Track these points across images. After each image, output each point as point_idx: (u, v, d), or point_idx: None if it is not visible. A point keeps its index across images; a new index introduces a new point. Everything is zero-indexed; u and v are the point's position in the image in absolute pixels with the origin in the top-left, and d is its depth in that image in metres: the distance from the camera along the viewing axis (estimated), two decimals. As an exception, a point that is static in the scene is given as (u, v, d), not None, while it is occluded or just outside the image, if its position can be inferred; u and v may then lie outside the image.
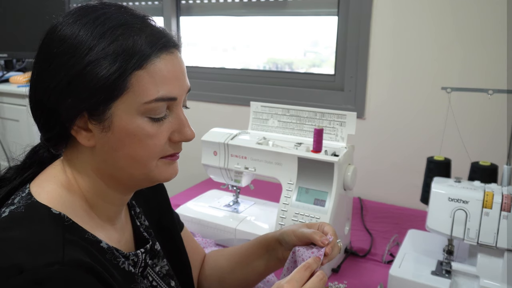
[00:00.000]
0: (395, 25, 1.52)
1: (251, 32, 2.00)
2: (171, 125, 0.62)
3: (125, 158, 0.60)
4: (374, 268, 1.13)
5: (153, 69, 0.58)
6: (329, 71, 1.77)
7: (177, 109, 0.63)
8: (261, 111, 1.27)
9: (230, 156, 1.20)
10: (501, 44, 1.36)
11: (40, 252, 0.52)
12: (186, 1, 2.06)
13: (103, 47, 0.56)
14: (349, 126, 1.16)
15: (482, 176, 1.01)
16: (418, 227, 1.22)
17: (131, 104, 0.58)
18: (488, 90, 1.02)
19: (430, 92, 1.50)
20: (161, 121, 0.61)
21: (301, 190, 1.11)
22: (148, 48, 0.58)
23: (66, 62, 0.57)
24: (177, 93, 0.61)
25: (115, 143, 0.59)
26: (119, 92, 0.57)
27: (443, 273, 0.97)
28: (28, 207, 0.57)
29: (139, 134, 0.59)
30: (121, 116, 0.58)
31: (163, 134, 0.61)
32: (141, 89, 0.57)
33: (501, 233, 0.90)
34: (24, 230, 0.54)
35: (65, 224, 0.57)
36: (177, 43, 0.62)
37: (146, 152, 0.61)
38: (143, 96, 0.58)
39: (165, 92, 0.59)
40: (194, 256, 0.89)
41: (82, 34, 0.57)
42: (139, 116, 0.59)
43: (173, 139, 0.63)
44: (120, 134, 0.59)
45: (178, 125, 0.63)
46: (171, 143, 0.63)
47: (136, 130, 0.59)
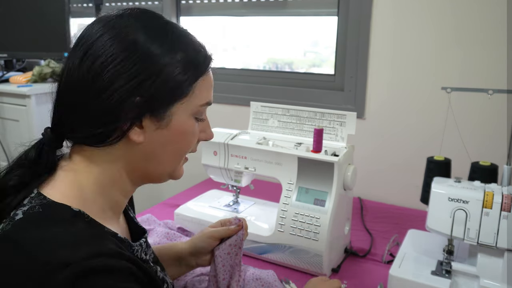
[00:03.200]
0: (395, 25, 1.52)
1: (251, 32, 2.00)
2: (201, 125, 0.72)
3: (171, 153, 0.69)
4: (374, 268, 1.13)
5: (207, 77, 0.69)
6: (329, 71, 1.77)
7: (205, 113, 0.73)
8: (261, 111, 1.27)
9: (230, 156, 1.20)
10: (501, 44, 1.36)
11: (80, 246, 0.54)
12: (186, 1, 2.06)
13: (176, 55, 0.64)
14: (349, 126, 1.16)
15: (482, 176, 1.01)
16: (418, 227, 1.22)
17: (190, 106, 0.67)
18: (488, 90, 1.02)
19: (430, 92, 1.50)
20: (200, 122, 0.71)
21: (301, 190, 1.11)
22: (207, 59, 0.69)
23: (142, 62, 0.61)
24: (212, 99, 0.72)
25: (167, 139, 0.66)
26: (185, 95, 0.66)
27: (443, 273, 0.97)
28: (46, 207, 0.58)
29: (190, 132, 0.69)
30: (180, 115, 0.66)
31: (197, 134, 0.72)
32: (200, 93, 0.68)
33: (501, 233, 0.90)
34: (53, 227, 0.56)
35: (86, 220, 0.59)
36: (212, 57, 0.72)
37: (185, 148, 0.70)
38: (200, 99, 0.68)
39: (211, 97, 0.71)
40: None
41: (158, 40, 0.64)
42: (193, 116, 0.68)
43: (200, 138, 0.73)
44: (175, 131, 0.66)
45: (205, 126, 0.74)
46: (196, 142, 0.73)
47: (189, 129, 0.68)
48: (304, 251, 1.07)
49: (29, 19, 2.15)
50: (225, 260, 0.89)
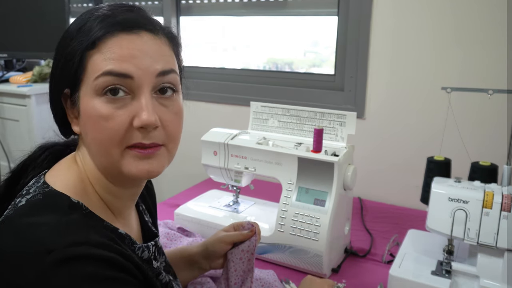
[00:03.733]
0: (395, 25, 1.52)
1: (251, 32, 2.00)
2: (132, 109, 0.59)
3: (91, 144, 0.61)
4: (374, 268, 1.13)
5: (104, 47, 0.59)
6: (329, 71, 1.77)
7: (139, 92, 0.59)
8: (261, 111, 1.27)
9: (230, 156, 1.20)
10: (501, 44, 1.36)
11: (67, 234, 0.54)
12: (186, 1, 2.06)
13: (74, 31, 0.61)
14: (349, 126, 1.16)
15: (482, 176, 1.01)
16: (418, 227, 1.22)
17: (88, 85, 0.59)
18: (488, 90, 1.02)
19: (430, 92, 1.50)
20: (119, 102, 0.58)
21: (301, 190, 1.11)
22: (101, 29, 0.59)
23: (57, 51, 0.63)
24: (132, 71, 0.58)
25: (83, 127, 0.61)
26: (80, 74, 0.60)
27: (443, 273, 0.97)
28: (46, 196, 0.59)
29: (94, 115, 0.58)
30: (84, 99, 0.60)
31: (121, 117, 0.58)
32: (93, 66, 0.59)
33: (501, 233, 0.90)
34: (49, 215, 0.56)
35: (83, 212, 0.59)
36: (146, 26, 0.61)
37: (105, 136, 0.59)
38: (93, 72, 0.58)
39: (115, 67, 0.58)
40: None
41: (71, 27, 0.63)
42: (97, 96, 0.59)
43: (133, 124, 0.59)
44: (84, 117, 0.60)
45: (137, 109, 0.59)
46: (136, 131, 0.59)
47: (92, 111, 0.59)
48: (304, 251, 1.07)
49: (29, 19, 2.15)
50: (237, 265, 0.89)
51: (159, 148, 0.62)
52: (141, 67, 0.59)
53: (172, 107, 0.64)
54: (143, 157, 0.61)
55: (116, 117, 0.58)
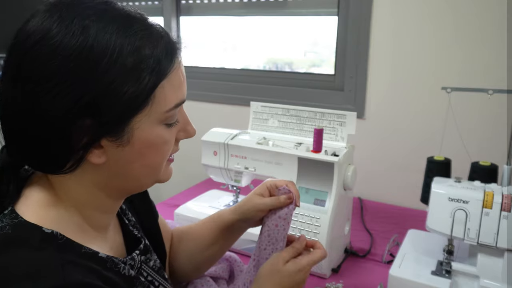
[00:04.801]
0: (395, 25, 1.52)
1: (251, 32, 2.00)
2: (178, 125, 0.62)
3: (142, 168, 0.58)
4: (374, 268, 1.13)
5: (172, 77, 0.56)
6: (329, 71, 1.77)
7: (182, 110, 0.62)
8: (261, 111, 1.27)
9: (230, 156, 1.20)
10: (501, 44, 1.36)
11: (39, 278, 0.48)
12: (186, 1, 2.06)
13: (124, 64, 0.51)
14: (349, 126, 1.16)
15: (482, 176, 1.01)
16: (418, 227, 1.22)
17: (153, 115, 0.55)
18: (488, 90, 1.02)
19: (430, 92, 1.50)
20: (174, 125, 0.60)
21: (301, 190, 1.11)
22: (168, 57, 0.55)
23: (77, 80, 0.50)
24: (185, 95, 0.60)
25: (132, 155, 0.56)
26: (143, 106, 0.54)
27: (443, 273, 0.97)
28: (15, 227, 0.52)
29: (159, 142, 0.58)
30: (143, 129, 0.55)
31: (173, 136, 0.61)
32: (164, 98, 0.55)
33: (501, 233, 0.90)
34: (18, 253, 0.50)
35: (59, 242, 0.53)
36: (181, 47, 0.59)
37: (162, 158, 0.60)
38: (165, 105, 0.56)
39: (182, 97, 0.58)
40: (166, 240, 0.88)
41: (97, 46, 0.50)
42: (159, 125, 0.57)
43: (178, 138, 0.63)
44: (140, 146, 0.56)
45: (183, 125, 0.63)
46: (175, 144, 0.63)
47: (156, 139, 0.57)
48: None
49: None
50: (271, 230, 0.83)
51: None
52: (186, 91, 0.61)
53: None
54: (170, 163, 0.65)
55: (169, 141, 0.60)
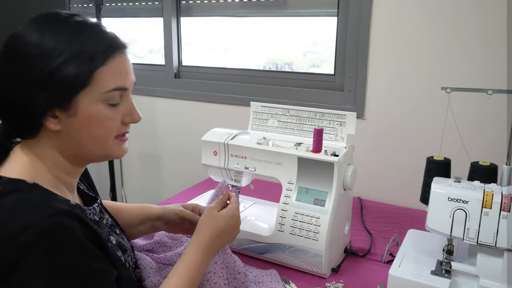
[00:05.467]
0: (395, 25, 1.52)
1: (251, 32, 2.00)
2: (123, 109, 0.78)
3: (88, 137, 0.75)
4: (374, 268, 1.13)
5: (111, 66, 0.73)
6: (329, 71, 1.77)
7: (127, 97, 0.78)
8: (261, 111, 1.27)
9: (230, 156, 1.20)
10: (501, 44, 1.36)
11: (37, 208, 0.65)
12: (186, 1, 2.06)
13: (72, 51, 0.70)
14: (349, 126, 1.16)
15: (482, 176, 1.01)
16: (418, 227, 1.22)
17: (94, 94, 0.72)
18: (488, 90, 1.02)
19: (429, 92, 1.50)
20: (116, 106, 0.76)
21: (301, 190, 1.11)
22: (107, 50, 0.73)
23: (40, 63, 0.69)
24: (127, 84, 0.77)
25: (79, 125, 0.73)
26: (84, 85, 0.71)
27: (443, 273, 0.97)
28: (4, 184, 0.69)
29: (99, 117, 0.74)
30: (85, 104, 0.72)
31: (118, 117, 0.77)
32: (102, 82, 0.72)
33: (501, 233, 0.90)
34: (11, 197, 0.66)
35: (41, 190, 0.70)
36: (126, 45, 0.78)
37: (106, 132, 0.76)
38: (103, 87, 0.73)
39: (120, 84, 0.75)
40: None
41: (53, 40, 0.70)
42: (100, 103, 0.73)
43: (125, 121, 0.79)
44: (84, 118, 0.73)
45: (128, 110, 0.79)
46: (123, 125, 0.79)
47: (97, 114, 0.74)
48: (304, 251, 1.08)
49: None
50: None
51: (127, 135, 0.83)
52: (130, 80, 0.78)
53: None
54: (123, 143, 0.81)
55: (115, 118, 0.77)
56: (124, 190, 2.46)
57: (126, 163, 2.42)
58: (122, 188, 2.45)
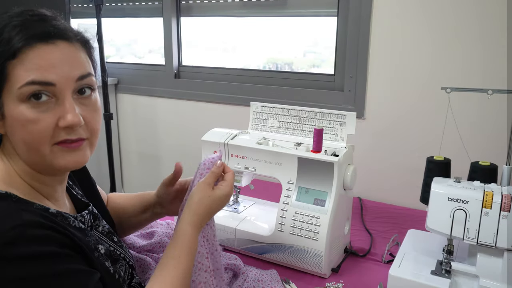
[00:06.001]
0: (395, 25, 1.52)
1: (251, 32, 2.00)
2: (56, 111, 0.66)
3: (20, 143, 0.67)
4: (373, 268, 1.13)
5: (25, 58, 0.64)
6: (329, 71, 1.77)
7: (62, 96, 0.66)
8: (261, 111, 1.27)
9: (230, 156, 1.20)
10: (500, 44, 1.36)
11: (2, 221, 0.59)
12: (186, 1, 2.06)
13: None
14: (349, 126, 1.16)
15: (482, 176, 1.01)
16: (418, 227, 1.22)
17: (11, 92, 0.64)
18: (488, 90, 1.02)
19: (429, 92, 1.50)
20: (43, 106, 0.65)
21: (301, 190, 1.11)
22: (21, 40, 0.63)
23: None
24: (54, 78, 0.65)
25: (9, 129, 0.67)
26: (2, 81, 0.64)
27: (443, 272, 0.97)
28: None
29: (21, 119, 0.64)
30: (8, 104, 0.65)
31: (47, 119, 0.65)
32: (15, 76, 0.64)
33: (501, 233, 0.90)
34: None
35: (13, 199, 0.64)
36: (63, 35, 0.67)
37: (34, 137, 0.65)
38: (17, 81, 0.63)
39: (37, 77, 0.64)
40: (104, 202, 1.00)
41: None
42: (21, 103, 0.64)
43: (60, 124, 0.66)
44: (10, 121, 0.65)
45: (61, 111, 0.66)
46: (61, 130, 0.67)
47: (18, 116, 0.64)
48: (304, 251, 1.08)
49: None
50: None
51: (83, 141, 0.70)
52: (61, 75, 0.66)
53: (92, 105, 0.71)
54: (70, 151, 0.69)
55: (42, 120, 0.65)
56: (124, 190, 2.46)
57: (126, 163, 2.42)
58: (122, 188, 2.45)
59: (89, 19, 2.17)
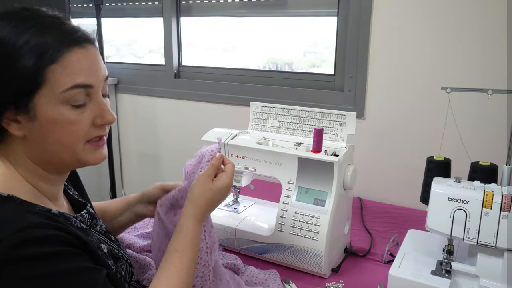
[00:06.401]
0: (395, 25, 1.52)
1: (251, 32, 2.00)
2: (92, 111, 0.70)
3: (54, 143, 0.68)
4: (374, 268, 1.13)
5: (66, 62, 0.66)
6: (329, 71, 1.77)
7: (96, 96, 0.71)
8: (261, 111, 1.27)
9: (230, 156, 1.20)
10: (501, 44, 1.36)
11: (8, 223, 0.60)
12: (186, 1, 2.06)
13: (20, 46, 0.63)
14: (349, 126, 1.16)
15: (482, 176, 1.01)
16: (418, 227, 1.22)
17: (50, 94, 0.65)
18: (488, 90, 1.02)
19: (430, 92, 1.50)
20: (81, 107, 0.69)
21: (301, 190, 1.11)
22: (59, 44, 0.65)
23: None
24: (92, 81, 0.69)
25: (42, 130, 0.67)
26: (38, 85, 0.64)
27: (443, 273, 0.97)
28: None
29: (61, 121, 0.67)
30: (44, 106, 0.66)
31: (86, 120, 0.69)
32: (57, 80, 0.65)
33: (501, 233, 0.90)
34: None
35: (16, 202, 0.65)
36: (89, 38, 0.70)
37: (71, 137, 0.69)
38: (59, 85, 0.65)
39: (81, 80, 0.67)
40: None
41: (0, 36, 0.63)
42: (61, 104, 0.66)
43: (96, 123, 0.71)
44: (46, 122, 0.66)
45: (99, 111, 0.71)
46: (95, 127, 0.71)
47: (58, 117, 0.67)
48: (304, 251, 1.08)
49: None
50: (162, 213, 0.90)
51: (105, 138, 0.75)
52: (96, 77, 0.70)
53: (109, 104, 0.75)
54: (98, 148, 0.73)
55: (82, 121, 0.69)
56: (124, 190, 2.46)
57: (126, 163, 2.42)
58: (122, 188, 2.45)
59: (89, 19, 2.17)
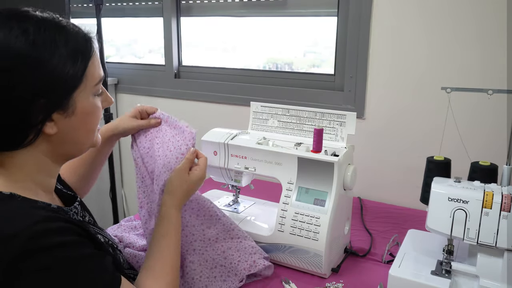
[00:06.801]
0: (395, 25, 1.52)
1: (251, 32, 2.00)
2: (101, 96, 0.80)
3: (86, 133, 0.77)
4: (374, 268, 1.13)
5: (94, 59, 0.74)
6: (329, 71, 1.77)
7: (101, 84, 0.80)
8: (261, 111, 1.27)
9: (230, 156, 1.20)
10: (501, 44, 1.36)
11: (18, 219, 0.62)
12: (186, 1, 2.06)
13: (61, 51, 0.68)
14: (349, 126, 1.16)
15: (482, 176, 1.01)
16: (418, 227, 1.22)
17: (87, 89, 0.73)
18: (488, 90, 1.02)
19: (429, 92, 1.50)
20: (100, 96, 0.79)
21: (301, 190, 1.11)
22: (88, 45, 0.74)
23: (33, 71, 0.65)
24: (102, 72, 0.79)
25: (77, 123, 0.73)
26: (80, 83, 0.72)
27: (443, 273, 0.97)
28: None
29: (94, 110, 0.76)
30: (81, 101, 0.73)
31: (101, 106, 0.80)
32: (91, 75, 0.74)
33: (501, 233, 0.90)
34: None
35: (18, 199, 0.67)
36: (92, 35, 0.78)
37: (97, 122, 0.79)
38: (93, 80, 0.74)
39: (102, 73, 0.77)
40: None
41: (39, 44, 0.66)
42: (92, 96, 0.75)
43: (102, 106, 0.80)
44: (82, 114, 0.73)
45: (104, 96, 0.81)
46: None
47: (93, 107, 0.76)
48: (304, 251, 1.08)
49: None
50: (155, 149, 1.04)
51: None
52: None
53: None
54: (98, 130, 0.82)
55: (100, 108, 0.79)
56: (124, 190, 2.46)
57: (126, 163, 2.42)
58: (122, 188, 2.45)
59: (89, 19, 2.17)
